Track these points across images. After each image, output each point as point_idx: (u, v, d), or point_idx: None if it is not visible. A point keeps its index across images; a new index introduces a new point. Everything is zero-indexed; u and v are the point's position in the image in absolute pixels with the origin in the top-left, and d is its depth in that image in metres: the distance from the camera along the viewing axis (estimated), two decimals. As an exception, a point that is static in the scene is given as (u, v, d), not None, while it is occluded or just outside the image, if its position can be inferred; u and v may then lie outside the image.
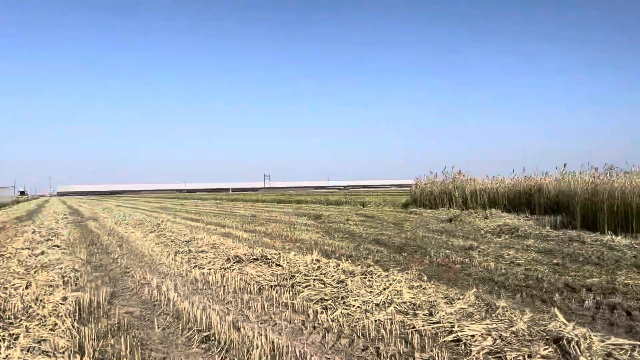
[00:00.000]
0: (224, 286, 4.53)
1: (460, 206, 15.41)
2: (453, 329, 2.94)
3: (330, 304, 3.64)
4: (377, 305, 3.56)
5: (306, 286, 4.19)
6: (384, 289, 3.88)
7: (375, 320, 3.24)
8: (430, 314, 3.30)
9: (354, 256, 6.11)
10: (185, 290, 4.45)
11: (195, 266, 5.53)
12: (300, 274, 4.54)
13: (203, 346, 2.95)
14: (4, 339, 2.80)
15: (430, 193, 17.06)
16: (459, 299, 3.64)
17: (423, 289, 3.96)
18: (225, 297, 4.16)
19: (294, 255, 5.52)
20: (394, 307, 3.47)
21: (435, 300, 3.59)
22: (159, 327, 3.35)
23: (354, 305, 3.56)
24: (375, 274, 4.48)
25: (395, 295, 3.74)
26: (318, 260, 5.15)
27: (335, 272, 4.58)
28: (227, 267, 5.27)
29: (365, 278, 4.31)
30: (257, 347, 2.75)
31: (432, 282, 4.35)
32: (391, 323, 3.18)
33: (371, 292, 3.84)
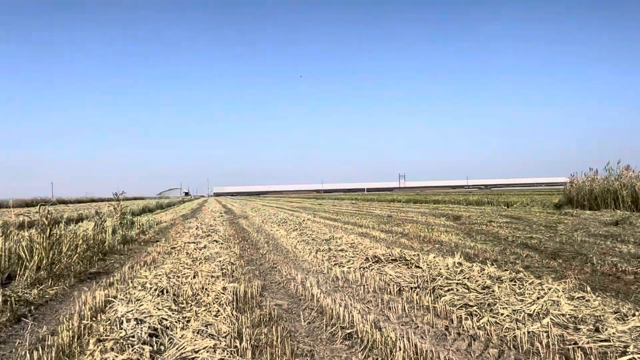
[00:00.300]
0: (364, 285, 4.59)
1: (629, 207, 13.30)
2: (627, 350, 2.55)
3: (476, 311, 3.45)
4: (529, 315, 3.26)
5: (448, 290, 4.03)
6: (538, 298, 3.53)
7: (528, 332, 2.97)
8: (597, 330, 2.90)
9: (499, 261, 5.69)
10: (327, 287, 4.62)
11: (335, 264, 5.72)
12: (442, 277, 4.38)
13: (346, 343, 3.03)
14: (179, 321, 3.24)
15: (589, 192, 15.05)
16: (633, 315, 3.14)
17: (586, 300, 3.51)
18: (365, 296, 4.21)
19: (434, 257, 5.35)
20: (551, 319, 3.14)
21: (602, 315, 3.15)
22: (304, 321, 3.54)
23: (502, 314, 3.31)
24: (526, 281, 4.11)
25: (551, 305, 3.38)
26: (460, 264, 4.92)
27: (479, 276, 4.33)
28: (366, 267, 5.34)
29: (514, 285, 3.98)
30: (400, 349, 2.73)
31: (596, 293, 3.82)
32: (547, 336, 2.88)
33: (522, 301, 3.53)
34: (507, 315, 3.27)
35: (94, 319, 3.51)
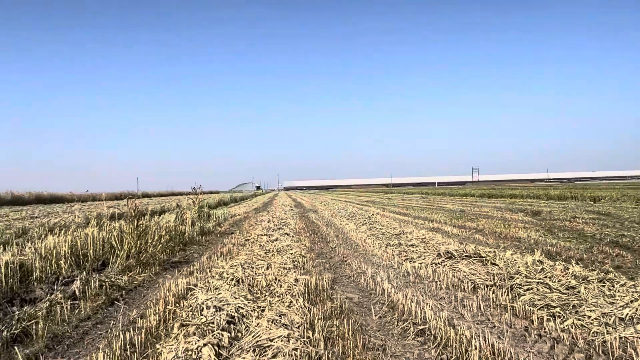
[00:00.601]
0: (436, 282, 4.49)
1: None
2: None
3: (559, 312, 3.24)
4: (621, 319, 3.01)
5: (527, 289, 3.82)
6: (631, 301, 3.25)
7: (620, 337, 2.74)
8: (703, 339, 2.61)
9: (585, 259, 5.30)
10: (398, 282, 4.57)
11: (405, 259, 5.64)
12: (520, 275, 4.16)
13: (419, 339, 2.98)
14: (254, 310, 3.37)
15: (692, 186, 13.49)
16: None
17: (689, 306, 3.17)
18: (438, 292, 4.11)
19: (511, 254, 5.10)
20: (647, 325, 2.87)
21: None
22: (375, 315, 3.53)
23: (589, 317, 3.08)
24: (617, 282, 3.79)
25: (647, 310, 3.09)
26: (541, 262, 4.64)
27: (562, 276, 4.06)
28: (438, 263, 5.21)
29: (603, 286, 3.68)
30: (476, 348, 2.64)
31: (702, 298, 3.44)
32: (643, 343, 2.64)
33: (612, 304, 3.26)
34: (595, 319, 3.04)
35: (177, 305, 3.75)
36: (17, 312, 3.43)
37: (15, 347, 2.86)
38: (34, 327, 3.23)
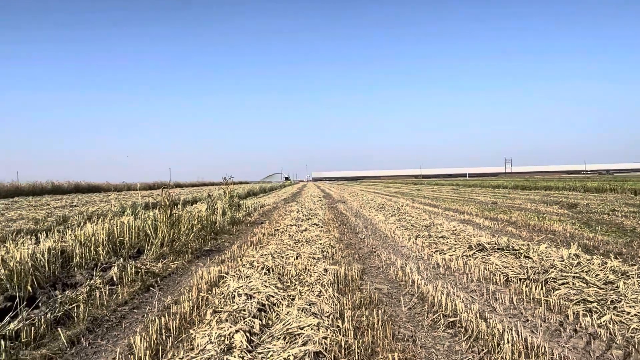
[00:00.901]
0: (467, 274, 4.43)
1: None
2: None
3: (596, 307, 3.14)
4: (663, 316, 2.90)
5: (563, 283, 3.72)
6: (674, 298, 3.12)
7: (662, 335, 2.64)
8: None
9: (624, 254, 5.11)
10: (428, 274, 4.54)
11: (436, 251, 5.58)
12: (555, 269, 4.06)
13: (449, 331, 2.96)
14: (284, 299, 3.42)
15: None
16: None
17: None
18: (469, 285, 4.06)
19: (546, 247, 4.97)
20: (691, 323, 2.75)
21: None
22: (405, 306, 3.52)
23: (629, 313, 2.98)
24: (659, 278, 3.64)
25: (691, 307, 2.96)
26: (577, 256, 4.50)
27: (600, 270, 3.93)
28: (469, 255, 5.13)
29: (644, 282, 3.55)
30: (508, 342, 2.59)
31: None
32: (687, 341, 2.54)
33: (654, 300, 3.14)
34: (635, 315, 2.94)
35: (209, 292, 3.84)
36: (59, 296, 3.59)
37: (59, 329, 3.00)
38: (75, 310, 3.38)
